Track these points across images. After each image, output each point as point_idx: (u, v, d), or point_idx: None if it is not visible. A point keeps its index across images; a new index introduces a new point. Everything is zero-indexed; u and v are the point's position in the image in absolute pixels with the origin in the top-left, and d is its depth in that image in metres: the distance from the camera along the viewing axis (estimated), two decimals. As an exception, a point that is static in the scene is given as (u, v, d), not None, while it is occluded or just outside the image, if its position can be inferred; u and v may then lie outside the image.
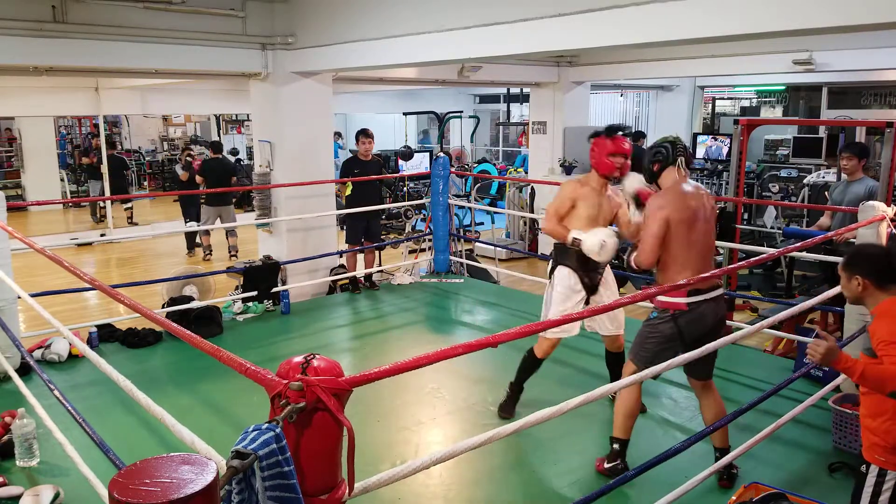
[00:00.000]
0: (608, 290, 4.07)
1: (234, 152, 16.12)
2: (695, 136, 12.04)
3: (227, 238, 10.11)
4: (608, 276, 4.11)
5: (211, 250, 9.94)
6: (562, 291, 3.95)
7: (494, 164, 15.72)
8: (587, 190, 3.92)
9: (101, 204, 12.54)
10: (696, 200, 3.26)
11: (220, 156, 10.50)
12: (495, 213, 10.95)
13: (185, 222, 10.05)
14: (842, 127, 9.45)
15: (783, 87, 11.60)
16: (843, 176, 5.76)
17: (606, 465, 3.48)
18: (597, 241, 3.74)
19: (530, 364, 4.07)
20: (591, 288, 4.00)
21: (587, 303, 3.99)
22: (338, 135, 16.85)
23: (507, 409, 4.13)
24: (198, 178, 9.91)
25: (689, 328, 3.21)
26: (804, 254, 5.50)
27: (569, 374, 4.85)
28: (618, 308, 3.71)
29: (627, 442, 3.45)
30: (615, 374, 4.13)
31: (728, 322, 5.52)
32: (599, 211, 3.92)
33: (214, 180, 9.70)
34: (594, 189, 3.92)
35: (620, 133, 3.84)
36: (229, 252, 10.01)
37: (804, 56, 7.23)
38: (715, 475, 3.22)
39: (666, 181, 3.32)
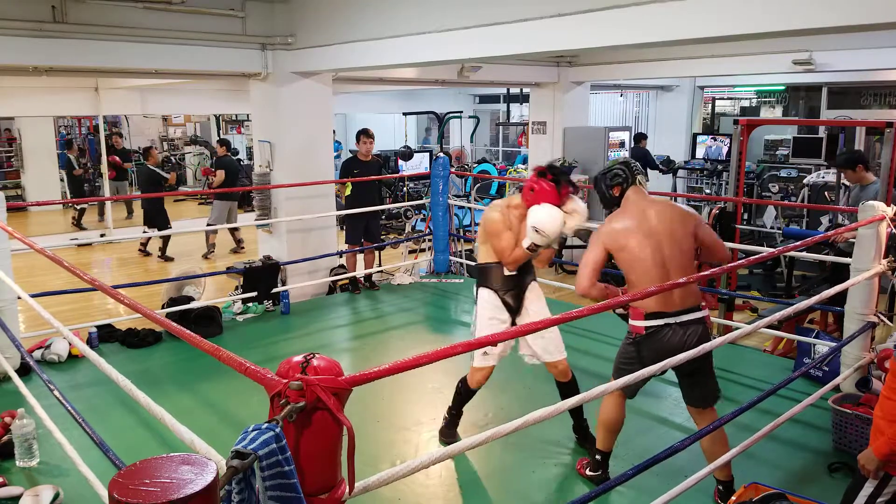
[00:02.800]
0: (535, 310, 3.75)
1: (234, 152, 16.08)
2: (695, 136, 12.04)
3: (233, 234, 10.30)
4: (534, 296, 3.79)
5: (214, 247, 10.08)
6: (485, 315, 3.70)
7: (494, 164, 15.71)
8: (513, 218, 3.61)
9: (77, 207, 12.57)
10: (655, 218, 3.08)
11: (230, 153, 10.68)
12: (495, 213, 10.92)
13: (146, 229, 9.82)
14: (842, 127, 9.44)
15: (783, 87, 11.60)
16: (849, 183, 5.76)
17: (589, 473, 3.47)
18: (551, 226, 3.41)
19: (465, 393, 3.87)
20: (514, 309, 3.73)
21: (513, 324, 3.72)
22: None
23: (449, 434, 3.94)
24: (219, 174, 9.98)
25: (650, 353, 3.03)
26: (804, 253, 5.50)
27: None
28: (544, 328, 3.32)
29: (609, 454, 3.43)
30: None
31: (729, 322, 5.55)
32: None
33: (232, 177, 9.93)
34: (521, 216, 3.58)
35: (566, 183, 3.51)
36: (238, 244, 10.20)
37: (804, 56, 7.23)
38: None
39: (626, 204, 3.17)
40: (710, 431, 3.02)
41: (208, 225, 9.70)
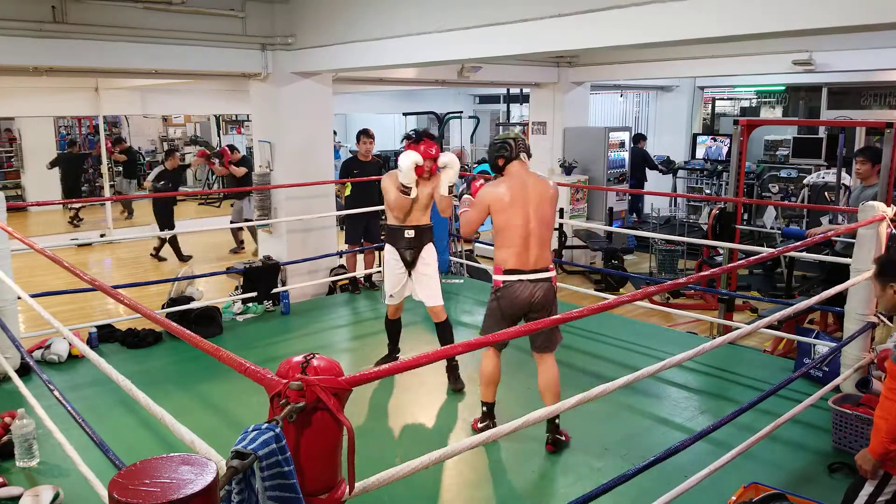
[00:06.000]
0: (425, 265, 4.65)
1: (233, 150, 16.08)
2: (695, 136, 12.04)
3: (236, 234, 10.40)
4: (427, 254, 4.66)
5: (243, 244, 10.35)
6: (388, 263, 4.72)
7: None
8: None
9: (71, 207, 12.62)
10: (531, 190, 3.64)
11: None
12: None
13: (164, 229, 9.67)
14: (842, 127, 9.45)
15: (783, 88, 11.60)
16: (856, 180, 5.71)
17: (479, 425, 3.96)
18: (407, 167, 4.39)
19: (389, 325, 4.97)
20: (409, 263, 4.65)
21: (409, 275, 4.68)
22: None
23: (387, 360, 4.90)
24: (241, 169, 9.89)
25: (504, 303, 3.67)
26: (803, 254, 5.50)
27: (566, 373, 4.84)
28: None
29: (493, 404, 3.95)
30: (443, 341, 4.65)
31: (729, 323, 5.55)
32: (417, 199, 4.54)
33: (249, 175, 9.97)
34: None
35: (428, 138, 4.49)
36: (239, 245, 10.35)
37: (804, 56, 7.23)
38: (718, 472, 3.22)
39: (509, 172, 3.71)
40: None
41: (232, 223, 9.81)
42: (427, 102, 15.57)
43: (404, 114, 15.67)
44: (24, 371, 4.46)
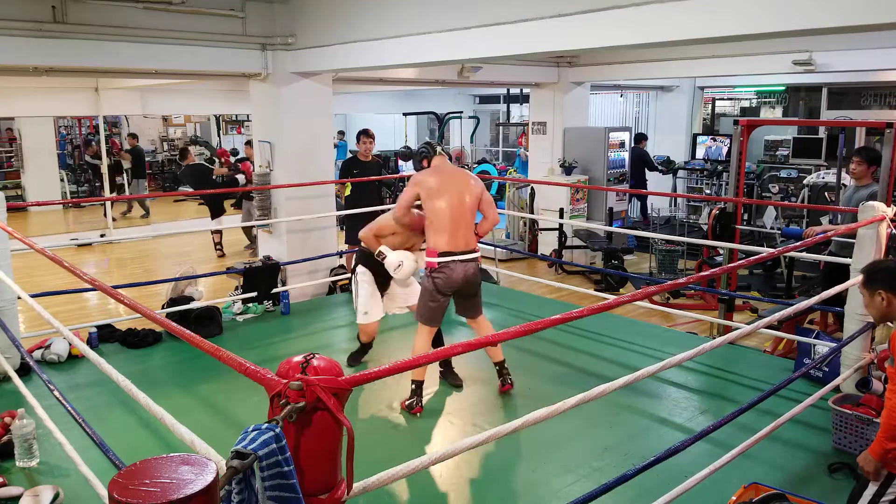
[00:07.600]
0: (398, 282, 4.74)
1: (234, 152, 16.11)
2: (695, 136, 12.04)
3: (248, 232, 10.39)
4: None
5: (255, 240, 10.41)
6: (360, 284, 4.78)
7: (494, 165, 15.70)
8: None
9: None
10: (453, 180, 4.09)
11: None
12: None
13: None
14: (842, 128, 9.46)
15: (783, 88, 11.59)
16: (851, 180, 5.70)
17: (405, 403, 4.22)
18: (395, 261, 4.44)
19: (363, 348, 4.99)
20: (381, 284, 4.80)
21: (382, 294, 4.84)
22: (341, 133, 16.84)
23: (355, 359, 4.94)
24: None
25: (441, 282, 4.09)
26: (803, 254, 5.49)
27: (566, 373, 4.85)
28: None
29: (422, 383, 4.24)
30: (435, 345, 4.61)
31: (730, 323, 5.55)
32: (407, 239, 4.63)
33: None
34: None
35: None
36: (253, 242, 10.34)
37: (804, 56, 7.24)
38: (718, 472, 3.21)
39: (433, 165, 4.18)
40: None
41: (244, 222, 9.90)
42: (427, 102, 15.58)
43: (404, 114, 15.67)
44: (24, 371, 4.46)
